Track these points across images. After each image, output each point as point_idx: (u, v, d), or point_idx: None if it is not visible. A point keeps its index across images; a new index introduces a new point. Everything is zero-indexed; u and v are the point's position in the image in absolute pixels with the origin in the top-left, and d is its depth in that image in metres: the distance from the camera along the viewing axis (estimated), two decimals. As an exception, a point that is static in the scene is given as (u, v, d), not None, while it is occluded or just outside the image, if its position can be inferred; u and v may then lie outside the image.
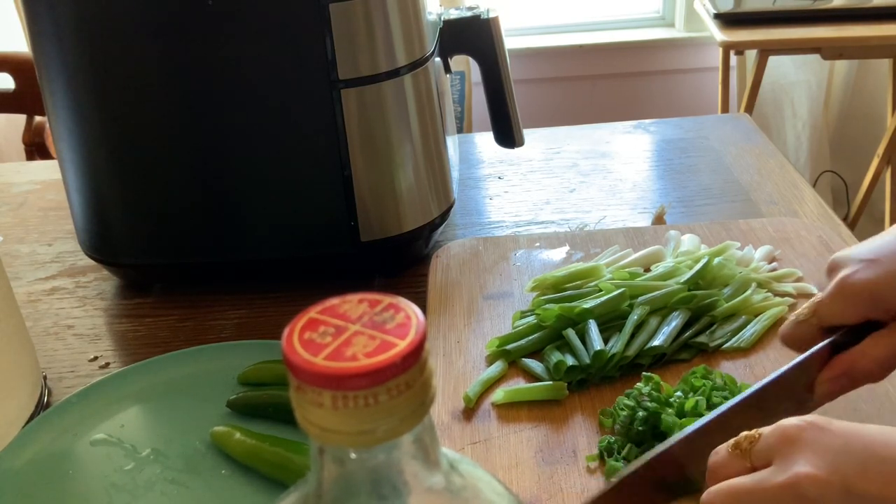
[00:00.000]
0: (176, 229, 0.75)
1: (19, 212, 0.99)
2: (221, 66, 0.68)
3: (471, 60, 0.83)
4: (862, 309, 0.47)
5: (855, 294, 0.47)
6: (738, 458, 0.41)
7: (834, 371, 0.47)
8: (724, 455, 0.42)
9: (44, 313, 0.78)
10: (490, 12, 0.81)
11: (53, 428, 0.61)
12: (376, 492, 0.25)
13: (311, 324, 0.24)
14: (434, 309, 0.70)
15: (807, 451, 0.38)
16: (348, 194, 0.72)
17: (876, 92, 2.27)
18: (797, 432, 0.39)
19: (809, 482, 0.37)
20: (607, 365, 0.59)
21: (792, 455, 0.39)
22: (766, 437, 0.41)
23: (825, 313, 0.49)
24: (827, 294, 0.49)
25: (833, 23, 1.73)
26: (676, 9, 2.41)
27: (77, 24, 0.68)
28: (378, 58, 0.68)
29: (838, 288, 0.48)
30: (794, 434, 0.39)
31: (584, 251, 0.76)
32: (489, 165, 1.01)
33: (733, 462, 0.41)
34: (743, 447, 0.41)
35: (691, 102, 2.45)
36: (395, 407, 0.22)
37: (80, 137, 0.72)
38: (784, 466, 0.38)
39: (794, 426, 0.40)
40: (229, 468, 0.57)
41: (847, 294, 0.47)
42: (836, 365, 0.47)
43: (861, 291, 0.47)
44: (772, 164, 0.95)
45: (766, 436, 0.41)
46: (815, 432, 0.39)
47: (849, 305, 0.47)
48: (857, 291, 0.47)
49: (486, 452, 0.55)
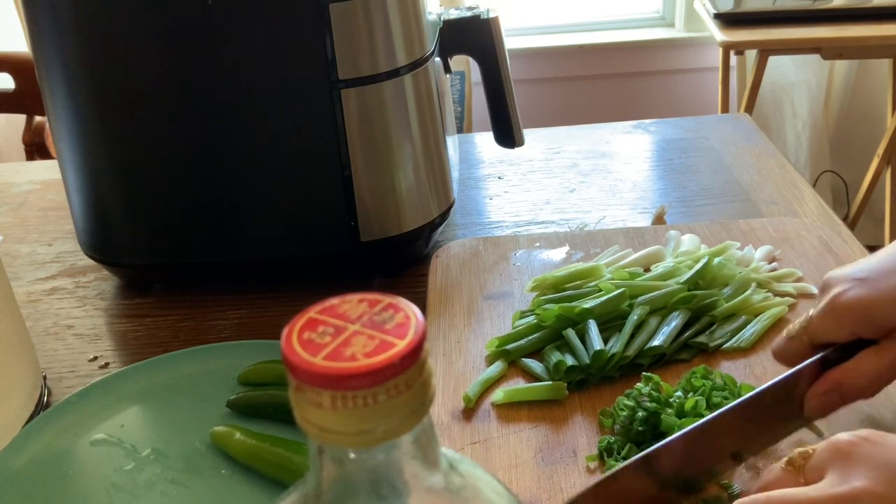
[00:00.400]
0: (176, 229, 0.75)
1: (19, 212, 0.99)
2: (221, 66, 0.68)
3: (471, 60, 0.83)
4: (852, 326, 0.48)
5: (845, 312, 0.48)
6: (792, 474, 0.42)
7: (823, 386, 0.48)
8: (778, 472, 0.42)
9: (44, 313, 0.78)
10: (490, 12, 0.81)
11: (53, 428, 0.61)
12: (376, 492, 0.25)
13: (311, 324, 0.24)
14: (434, 309, 0.70)
15: (862, 465, 0.38)
16: (348, 194, 0.72)
17: (876, 92, 2.27)
18: (850, 447, 0.40)
19: (867, 496, 0.37)
20: (607, 365, 0.59)
21: (847, 469, 0.39)
22: (820, 452, 0.41)
23: (816, 330, 0.49)
24: (818, 312, 0.49)
25: (833, 23, 1.73)
26: (676, 9, 2.41)
27: (77, 24, 0.68)
28: (378, 58, 0.68)
29: (829, 306, 0.49)
30: (847, 449, 0.40)
31: (584, 251, 0.76)
32: (489, 165, 1.01)
33: (786, 479, 0.42)
34: (797, 463, 0.42)
35: (691, 102, 2.45)
36: (394, 407, 0.22)
37: (80, 137, 0.72)
38: (840, 480, 0.39)
39: (847, 441, 0.40)
40: (229, 468, 0.57)
41: (838, 312, 0.48)
42: (826, 380, 0.48)
43: (851, 309, 0.47)
44: (772, 164, 0.95)
45: (819, 451, 0.41)
46: (869, 447, 0.39)
47: (839, 323, 0.48)
48: (848, 309, 0.47)
49: (485, 452, 0.55)
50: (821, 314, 0.49)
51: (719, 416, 0.47)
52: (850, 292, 0.48)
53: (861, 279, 0.48)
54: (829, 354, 0.48)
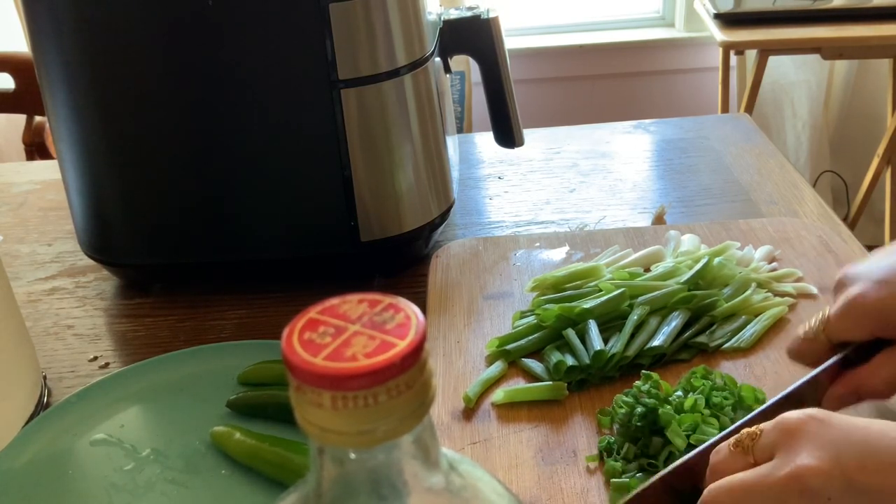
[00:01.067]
0: (176, 229, 0.75)
1: (19, 212, 0.99)
2: (221, 66, 0.68)
3: (471, 60, 0.83)
4: (871, 328, 0.48)
5: (865, 313, 0.48)
6: (741, 455, 0.41)
7: (844, 388, 0.48)
8: (726, 453, 0.42)
9: (44, 313, 0.78)
10: (490, 12, 0.81)
11: (53, 428, 0.61)
12: (376, 492, 0.25)
13: (311, 324, 0.24)
14: (434, 309, 0.70)
15: (808, 443, 0.38)
16: (348, 194, 0.72)
17: (876, 92, 2.27)
18: (798, 425, 0.39)
19: (811, 474, 0.37)
20: (607, 365, 0.59)
21: (794, 447, 0.39)
22: (768, 432, 0.41)
23: (834, 330, 0.49)
24: (836, 311, 0.49)
25: (833, 23, 1.73)
26: (676, 9, 2.41)
27: (77, 24, 0.68)
28: (378, 58, 0.68)
29: (849, 305, 0.48)
30: (795, 427, 0.39)
31: (584, 251, 0.76)
32: (489, 165, 1.01)
33: (735, 460, 0.42)
34: (745, 444, 0.41)
35: (691, 102, 2.45)
36: (394, 407, 0.22)
37: (80, 137, 0.72)
38: (786, 459, 0.39)
39: (794, 419, 0.40)
40: (229, 468, 0.57)
41: (857, 313, 0.48)
42: (846, 382, 0.48)
43: (871, 311, 0.47)
44: (772, 164, 0.95)
45: (767, 431, 0.41)
46: (815, 425, 0.39)
47: (858, 324, 0.48)
48: (868, 311, 0.47)
49: (485, 452, 0.55)
50: (839, 314, 0.49)
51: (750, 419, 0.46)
52: (870, 293, 0.47)
53: (881, 280, 0.48)
54: (849, 354, 0.48)
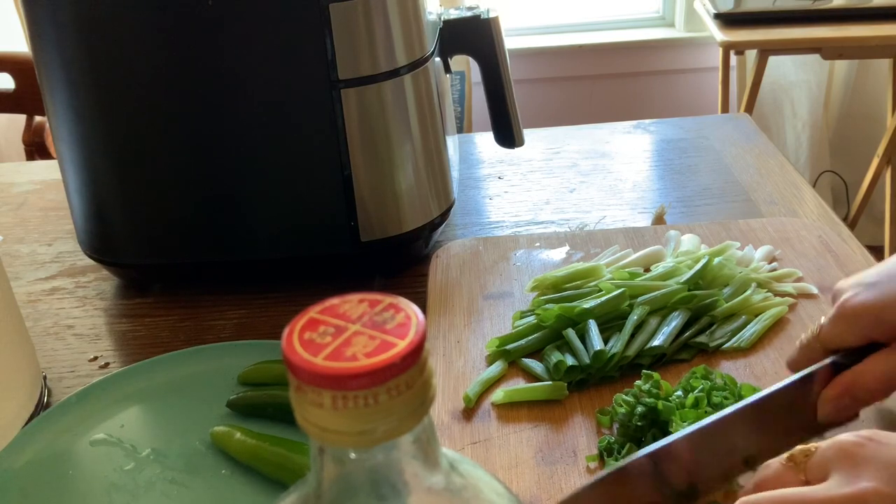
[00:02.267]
0: (176, 229, 0.75)
1: (19, 212, 0.99)
2: (221, 66, 0.68)
3: (471, 60, 0.83)
4: (863, 330, 0.48)
5: (856, 316, 0.48)
6: (792, 471, 0.41)
7: (836, 389, 0.47)
8: (777, 468, 0.42)
9: (44, 313, 0.78)
10: (490, 12, 0.81)
11: (53, 428, 0.61)
12: (376, 492, 0.25)
13: (311, 324, 0.24)
14: (434, 309, 0.70)
15: (870, 466, 0.38)
16: (348, 194, 0.72)
17: (876, 92, 2.27)
18: (856, 448, 0.39)
19: (875, 496, 0.37)
20: (607, 365, 0.59)
21: (854, 470, 0.38)
22: (824, 450, 0.41)
23: (827, 336, 0.49)
24: (829, 318, 0.50)
25: (833, 23, 1.73)
26: (676, 9, 2.41)
27: (77, 24, 0.68)
28: (378, 58, 0.68)
29: (839, 311, 0.49)
30: (853, 449, 0.39)
31: (584, 251, 0.76)
32: (489, 165, 1.01)
33: (786, 475, 0.41)
34: (798, 460, 0.41)
35: (691, 102, 2.45)
36: (394, 407, 0.22)
37: (80, 137, 0.72)
38: (846, 480, 0.38)
39: (852, 441, 0.40)
40: (229, 468, 0.57)
41: (848, 316, 0.48)
42: (838, 383, 0.47)
43: (861, 313, 0.47)
44: (772, 164, 0.95)
45: (822, 449, 0.41)
46: (874, 447, 0.39)
47: (850, 327, 0.48)
48: (858, 313, 0.47)
49: (486, 452, 0.55)
50: (831, 320, 0.49)
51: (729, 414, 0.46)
52: (860, 296, 0.48)
53: (870, 283, 0.48)
54: (839, 359, 0.48)
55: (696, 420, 0.51)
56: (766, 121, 2.33)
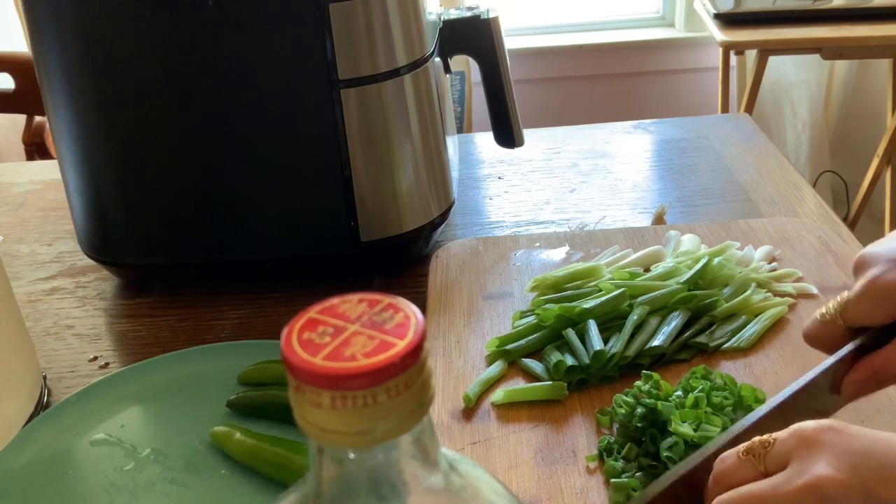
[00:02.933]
0: (176, 229, 0.75)
1: (19, 212, 0.99)
2: (221, 67, 0.68)
3: (471, 60, 0.83)
4: (890, 310, 0.46)
5: (884, 295, 0.46)
6: (751, 463, 0.40)
7: (861, 374, 0.46)
8: (735, 461, 0.41)
9: (44, 313, 0.78)
10: (490, 12, 0.81)
11: (53, 428, 0.61)
12: (375, 492, 0.25)
13: (311, 324, 0.24)
14: (434, 309, 0.70)
15: (826, 453, 0.38)
16: (348, 194, 0.72)
17: (876, 92, 2.27)
18: (816, 434, 0.39)
19: (830, 484, 0.36)
20: (607, 365, 0.59)
21: (811, 457, 0.38)
22: (783, 440, 0.40)
23: (852, 313, 0.47)
24: (854, 294, 0.47)
25: (833, 23, 1.73)
26: (676, 9, 2.41)
27: (77, 24, 0.68)
28: (378, 58, 0.68)
29: (867, 288, 0.46)
30: (812, 437, 0.39)
31: (584, 251, 0.76)
32: (489, 165, 1.01)
33: (745, 468, 0.40)
34: (757, 452, 0.40)
35: (691, 102, 2.45)
36: (394, 407, 0.22)
37: (80, 137, 0.72)
38: (803, 469, 0.38)
39: (811, 429, 0.39)
40: (229, 468, 0.57)
41: (876, 295, 0.46)
42: (863, 367, 0.46)
43: (891, 292, 0.45)
44: (772, 164, 0.95)
45: (781, 440, 0.40)
46: (834, 435, 0.38)
47: (877, 306, 0.46)
48: (888, 292, 0.45)
49: (485, 452, 0.55)
50: (858, 297, 0.47)
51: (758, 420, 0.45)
52: (890, 274, 0.45)
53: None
54: (864, 341, 0.47)
55: (695, 420, 0.51)
56: (766, 121, 2.33)
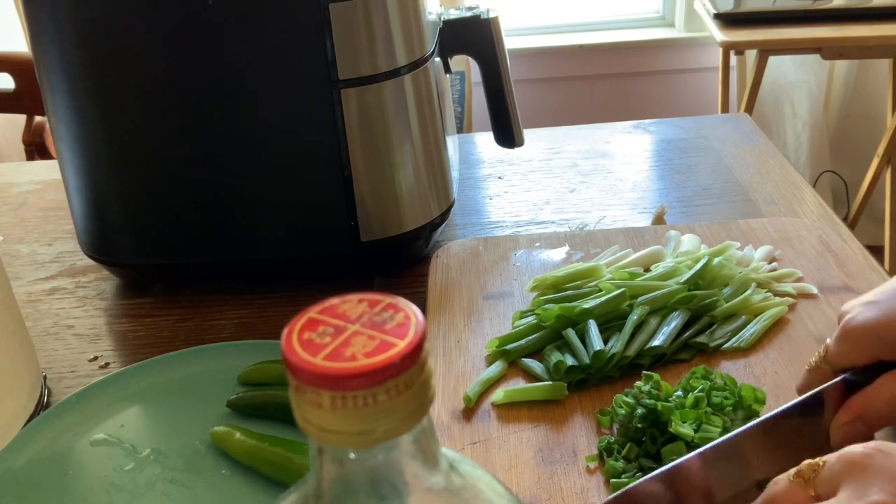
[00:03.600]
0: (176, 229, 0.75)
1: (19, 212, 0.99)
2: (221, 67, 0.68)
3: (471, 60, 0.83)
4: (868, 349, 0.47)
5: (858, 335, 0.48)
6: (801, 486, 0.40)
7: (846, 416, 0.47)
8: (785, 484, 0.41)
9: (44, 313, 0.78)
10: (490, 12, 0.81)
11: (53, 428, 0.61)
12: (375, 492, 0.25)
13: (311, 324, 0.24)
14: (434, 309, 0.70)
15: (878, 478, 0.38)
16: (348, 194, 0.72)
17: (876, 92, 2.27)
18: (865, 459, 0.39)
19: None
20: (607, 365, 0.59)
21: (863, 482, 0.38)
22: (832, 464, 0.40)
23: (833, 357, 0.49)
24: (833, 338, 0.49)
25: (833, 23, 1.73)
26: (676, 9, 2.41)
27: (77, 24, 0.68)
28: (378, 58, 0.68)
29: (843, 331, 0.49)
30: (861, 461, 0.39)
31: (584, 251, 0.76)
32: (489, 165, 1.01)
33: (795, 491, 0.41)
34: (806, 476, 0.40)
35: (691, 102, 2.45)
36: (394, 407, 0.22)
37: (80, 137, 0.72)
38: (855, 494, 0.38)
39: (860, 453, 0.39)
40: (229, 468, 0.57)
41: (851, 336, 0.48)
42: (850, 407, 0.47)
43: (864, 332, 0.47)
44: (772, 164, 0.95)
45: (830, 463, 0.40)
46: (883, 458, 0.38)
47: (854, 347, 0.48)
48: (861, 332, 0.47)
49: (485, 452, 0.55)
50: (836, 341, 0.49)
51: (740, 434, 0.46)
52: (861, 315, 0.48)
53: (871, 302, 0.48)
54: (851, 376, 0.48)
55: (696, 420, 0.51)
56: (766, 121, 2.33)
